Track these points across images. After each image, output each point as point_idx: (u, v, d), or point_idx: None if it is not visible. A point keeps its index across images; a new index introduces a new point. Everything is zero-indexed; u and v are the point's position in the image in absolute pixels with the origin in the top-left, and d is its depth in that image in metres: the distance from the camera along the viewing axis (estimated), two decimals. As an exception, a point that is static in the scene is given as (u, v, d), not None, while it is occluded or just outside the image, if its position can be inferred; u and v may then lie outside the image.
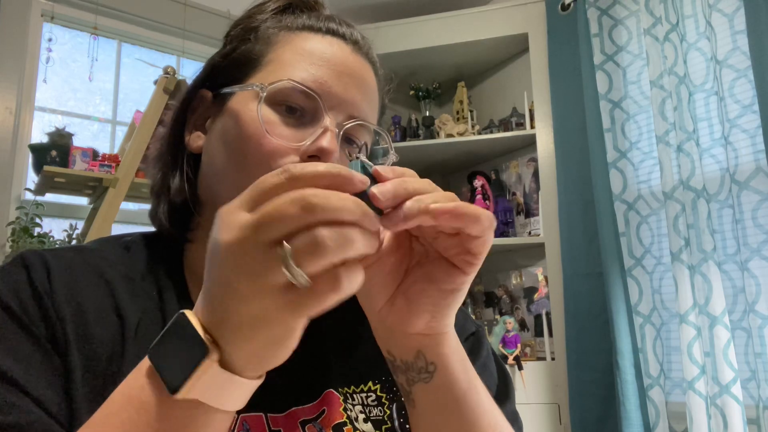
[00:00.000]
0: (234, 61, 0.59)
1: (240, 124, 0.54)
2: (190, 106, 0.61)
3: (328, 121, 0.54)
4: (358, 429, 0.53)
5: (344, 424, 0.53)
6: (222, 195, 0.55)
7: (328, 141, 0.53)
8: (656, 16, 1.84)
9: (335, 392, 0.55)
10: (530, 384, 1.97)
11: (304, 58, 0.56)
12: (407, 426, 0.54)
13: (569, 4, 2.09)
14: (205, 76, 0.61)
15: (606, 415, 1.84)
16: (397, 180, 0.38)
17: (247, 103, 0.55)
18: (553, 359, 2.01)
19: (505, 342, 2.03)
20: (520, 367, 1.97)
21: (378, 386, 0.56)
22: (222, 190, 0.56)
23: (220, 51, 0.62)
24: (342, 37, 0.61)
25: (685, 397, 1.64)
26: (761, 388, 1.51)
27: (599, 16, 2.00)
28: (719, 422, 1.54)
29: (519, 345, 2.02)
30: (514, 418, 0.60)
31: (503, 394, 0.61)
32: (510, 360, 1.98)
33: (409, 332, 0.45)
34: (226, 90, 0.57)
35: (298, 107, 0.55)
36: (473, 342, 0.63)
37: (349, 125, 0.56)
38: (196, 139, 0.60)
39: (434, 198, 0.38)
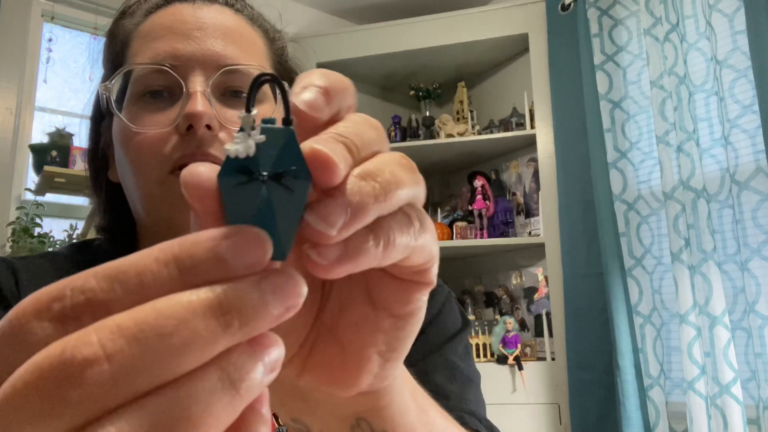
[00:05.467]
0: (110, 76, 0.56)
1: (117, 138, 0.53)
2: (102, 143, 0.59)
3: (190, 84, 0.50)
4: None
5: None
6: (141, 215, 0.54)
7: (193, 105, 0.48)
8: (656, 16, 1.84)
9: None
10: (530, 384, 1.97)
11: (148, 40, 0.53)
12: None
13: (569, 4, 2.09)
14: (99, 109, 0.58)
15: (606, 415, 1.84)
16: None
17: (117, 112, 0.53)
18: (553, 359, 2.01)
19: (505, 342, 2.03)
20: (520, 367, 1.97)
21: None
22: (139, 210, 0.54)
23: (101, 79, 0.59)
24: None
25: (685, 397, 1.64)
26: (761, 389, 1.51)
27: (599, 16, 2.00)
28: (719, 422, 1.54)
29: (519, 345, 2.02)
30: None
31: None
32: (510, 360, 1.98)
33: (346, 395, 0.27)
34: (107, 110, 0.55)
35: (161, 88, 0.51)
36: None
37: (216, 77, 0.51)
38: (114, 173, 0.58)
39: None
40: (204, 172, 0.19)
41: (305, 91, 0.21)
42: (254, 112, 0.19)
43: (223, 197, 0.19)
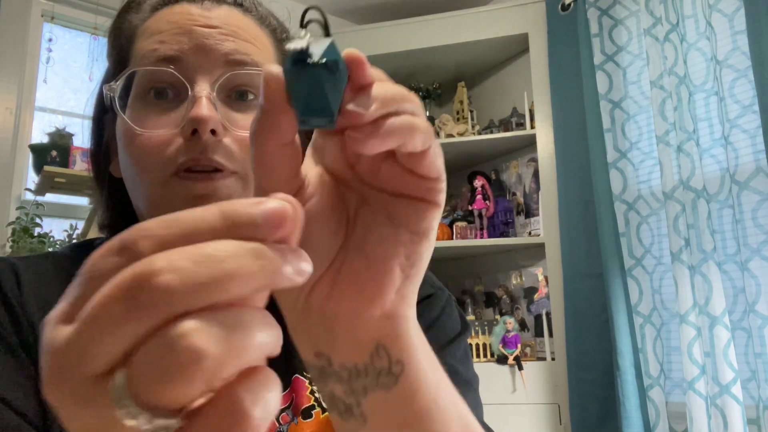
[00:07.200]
0: (114, 70, 0.56)
1: (121, 137, 0.53)
2: (106, 137, 0.59)
3: (196, 87, 0.50)
4: (326, 410, 0.53)
5: (312, 407, 0.54)
6: (142, 213, 0.54)
7: (198, 110, 0.48)
8: (656, 16, 1.84)
9: (301, 377, 0.55)
10: (530, 384, 1.97)
11: (154, 37, 0.52)
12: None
13: (569, 4, 2.09)
14: (102, 101, 0.57)
15: (606, 415, 1.84)
16: (381, 90, 0.27)
17: (121, 113, 0.53)
18: (553, 359, 2.01)
19: (505, 342, 2.03)
20: (520, 367, 1.97)
21: None
22: (140, 208, 0.54)
23: (105, 72, 0.59)
24: None
25: (685, 397, 1.64)
26: (761, 388, 1.51)
27: (599, 16, 2.00)
28: (719, 422, 1.54)
29: (519, 345, 2.02)
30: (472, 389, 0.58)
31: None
32: (510, 360, 1.98)
33: (370, 314, 0.30)
34: (109, 104, 0.54)
35: (166, 87, 0.51)
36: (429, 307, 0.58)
37: (223, 79, 0.50)
38: (116, 167, 0.57)
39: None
40: (275, 68, 0.26)
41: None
42: (304, 32, 0.27)
43: (288, 81, 0.26)
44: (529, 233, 2.24)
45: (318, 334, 0.32)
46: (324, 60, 0.26)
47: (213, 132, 0.49)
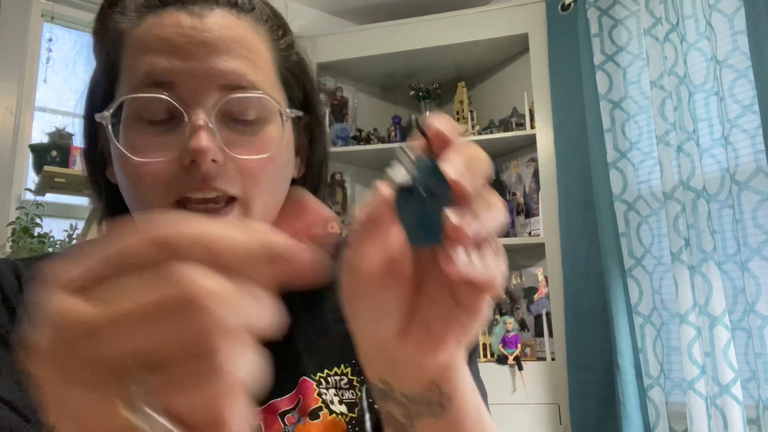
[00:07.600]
0: (104, 79, 0.54)
1: (116, 158, 0.51)
2: (101, 141, 0.56)
3: (192, 114, 0.47)
4: (334, 411, 0.54)
5: (320, 408, 0.54)
6: None
7: (196, 141, 0.46)
8: (656, 17, 1.84)
9: (309, 379, 0.55)
10: (530, 384, 1.97)
11: (145, 57, 0.49)
12: (374, 406, 0.53)
13: (569, 4, 2.09)
14: (93, 105, 0.54)
15: (606, 415, 1.84)
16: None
17: (114, 141, 0.50)
18: (553, 359, 2.01)
19: (505, 342, 2.03)
20: (520, 367, 1.97)
21: (349, 369, 0.56)
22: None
23: (94, 72, 0.56)
24: (181, 2, 0.51)
25: (685, 397, 1.64)
26: (761, 389, 1.51)
27: (599, 16, 2.00)
28: (719, 422, 1.54)
29: (519, 345, 2.02)
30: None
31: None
32: (510, 360, 1.98)
33: (428, 363, 0.35)
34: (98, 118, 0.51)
35: (161, 110, 0.49)
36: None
37: (223, 103, 0.48)
38: (112, 173, 0.54)
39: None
40: (387, 190, 0.29)
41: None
42: (405, 147, 0.29)
43: (398, 210, 0.28)
44: (529, 233, 2.24)
45: (384, 366, 0.37)
46: (430, 188, 0.28)
47: (213, 160, 0.47)
